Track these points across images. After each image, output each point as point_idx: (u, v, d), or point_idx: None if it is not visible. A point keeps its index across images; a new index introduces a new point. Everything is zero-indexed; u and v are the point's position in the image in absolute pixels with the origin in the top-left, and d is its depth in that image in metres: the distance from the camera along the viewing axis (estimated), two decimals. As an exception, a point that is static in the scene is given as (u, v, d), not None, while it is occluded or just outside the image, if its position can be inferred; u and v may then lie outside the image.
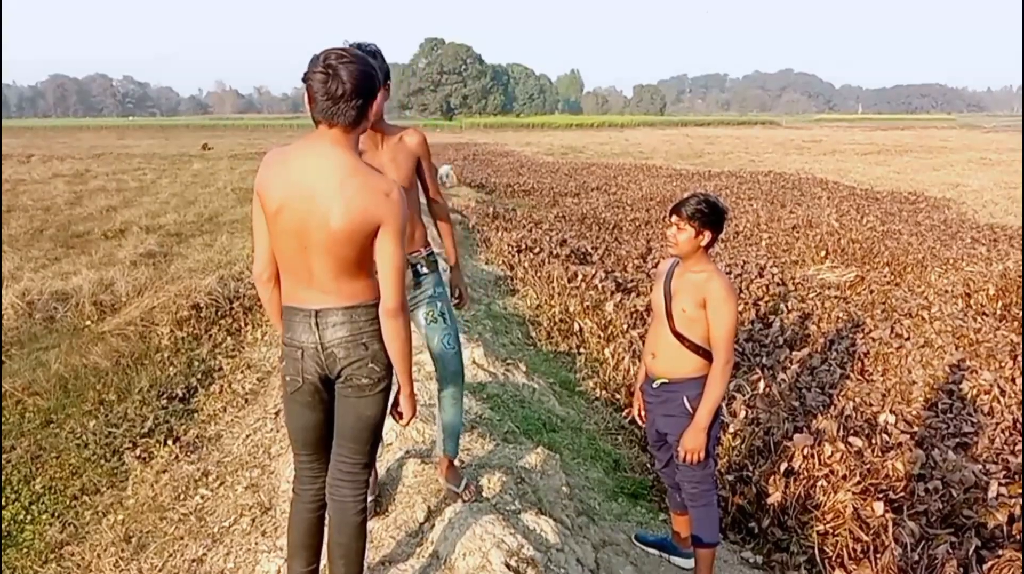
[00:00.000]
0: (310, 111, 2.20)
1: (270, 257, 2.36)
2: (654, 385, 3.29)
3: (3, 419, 5.31)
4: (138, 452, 4.86)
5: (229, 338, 7.04)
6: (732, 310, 3.08)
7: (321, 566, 2.61)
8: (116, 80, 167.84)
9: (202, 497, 4.18)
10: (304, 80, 2.18)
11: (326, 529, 2.52)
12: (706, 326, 3.11)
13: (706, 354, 3.15)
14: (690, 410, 3.16)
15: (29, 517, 4.17)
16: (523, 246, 11.09)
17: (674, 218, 3.12)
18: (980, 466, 4.58)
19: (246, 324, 7.32)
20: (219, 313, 7.48)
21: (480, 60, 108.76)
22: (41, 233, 12.20)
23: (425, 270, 3.06)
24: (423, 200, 3.23)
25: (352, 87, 2.14)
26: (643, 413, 3.50)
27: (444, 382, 3.10)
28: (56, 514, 4.20)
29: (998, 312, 8.05)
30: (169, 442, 4.98)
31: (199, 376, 6.15)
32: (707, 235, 3.10)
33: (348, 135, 2.22)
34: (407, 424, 2.48)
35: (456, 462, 3.28)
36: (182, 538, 3.81)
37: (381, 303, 2.26)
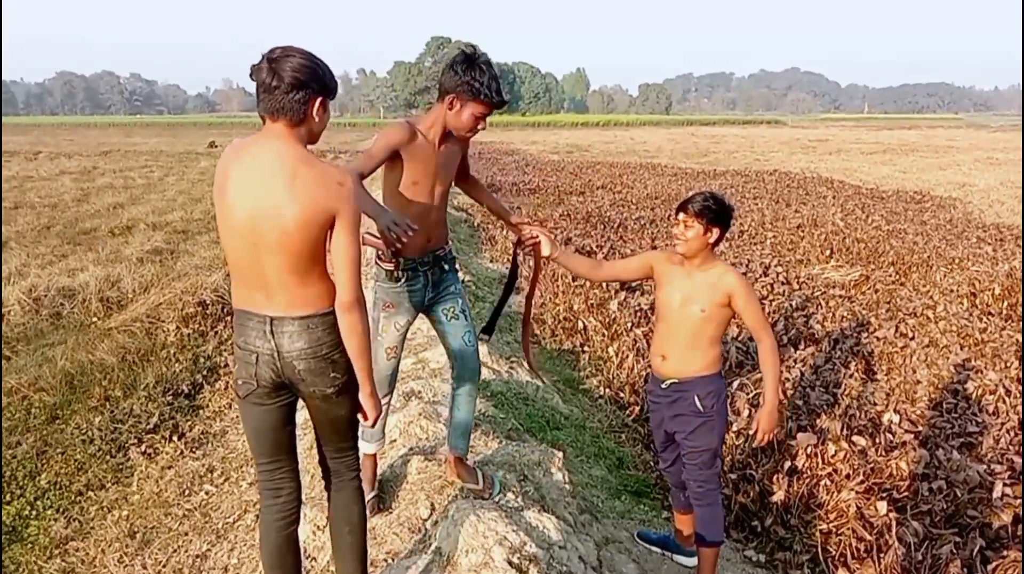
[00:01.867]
0: (257, 108, 2.18)
1: None
2: (663, 386, 3.28)
3: (9, 415, 5.33)
4: (143, 448, 4.89)
5: (234, 335, 7.06)
6: (756, 297, 3.15)
7: None
8: (123, 77, 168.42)
9: (207, 493, 4.21)
10: (249, 76, 2.16)
11: (331, 503, 2.50)
12: (722, 324, 3.13)
13: (716, 352, 3.17)
14: (700, 408, 3.16)
15: (34, 513, 4.20)
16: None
17: (681, 216, 3.10)
18: (985, 466, 4.56)
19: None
20: (225, 310, 7.50)
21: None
22: (48, 230, 12.24)
23: (447, 266, 3.05)
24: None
25: (291, 79, 2.09)
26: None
27: (462, 379, 3.08)
28: (61, 510, 4.22)
29: (1004, 312, 8.02)
30: (174, 438, 5.00)
31: (204, 373, 6.17)
32: (715, 232, 3.09)
33: (293, 129, 2.16)
34: (373, 424, 2.43)
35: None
36: (186, 534, 3.83)
37: (337, 297, 2.18)
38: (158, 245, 10.74)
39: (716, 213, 3.06)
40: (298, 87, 2.11)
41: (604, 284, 8.57)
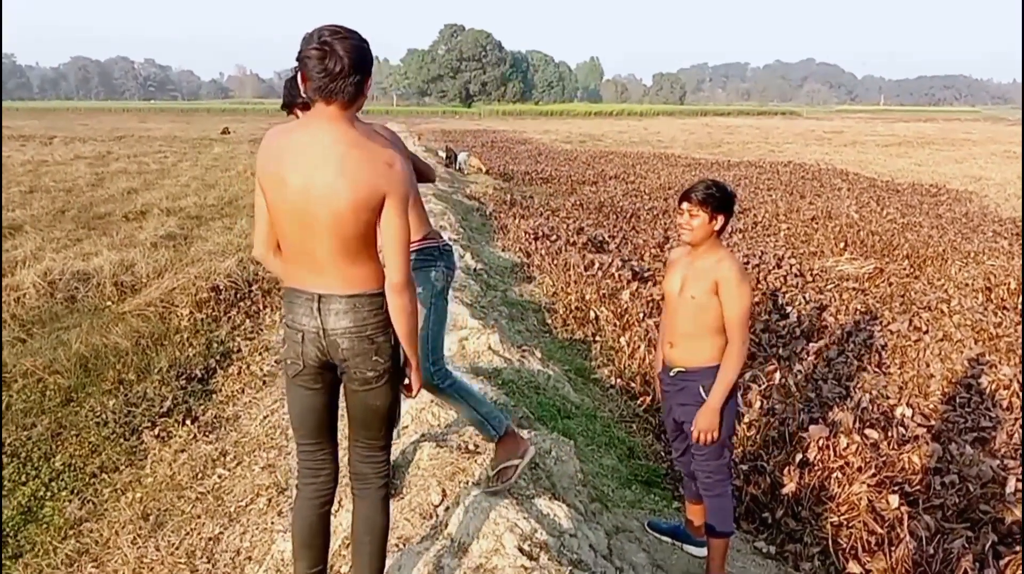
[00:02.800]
0: (304, 90, 2.16)
1: (269, 236, 2.32)
2: (671, 373, 3.28)
3: (25, 397, 5.38)
4: (157, 431, 4.93)
5: (248, 320, 7.09)
6: (746, 292, 3.07)
7: (328, 565, 2.58)
8: (138, 63, 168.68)
9: (219, 477, 4.23)
10: (298, 59, 2.14)
11: (353, 506, 2.49)
12: (718, 312, 3.09)
13: (722, 341, 3.15)
14: (705, 398, 3.15)
15: (49, 494, 4.24)
16: (540, 234, 11.08)
17: (685, 205, 3.10)
18: (998, 461, 4.53)
19: (264, 306, 7.37)
20: (238, 295, 7.54)
21: (500, 47, 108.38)
22: (63, 214, 12.32)
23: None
24: None
25: (349, 62, 2.10)
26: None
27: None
28: (75, 491, 4.27)
29: (1019, 307, 7.95)
30: (187, 422, 5.04)
31: (218, 357, 6.20)
32: (720, 219, 3.09)
33: (346, 111, 2.18)
34: (415, 394, 2.46)
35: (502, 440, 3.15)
36: (199, 517, 3.86)
37: (387, 279, 2.20)
38: (172, 230, 10.78)
39: (719, 200, 3.06)
40: (355, 70, 2.13)
41: (616, 273, 8.57)
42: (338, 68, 2.10)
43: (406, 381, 2.40)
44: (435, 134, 39.34)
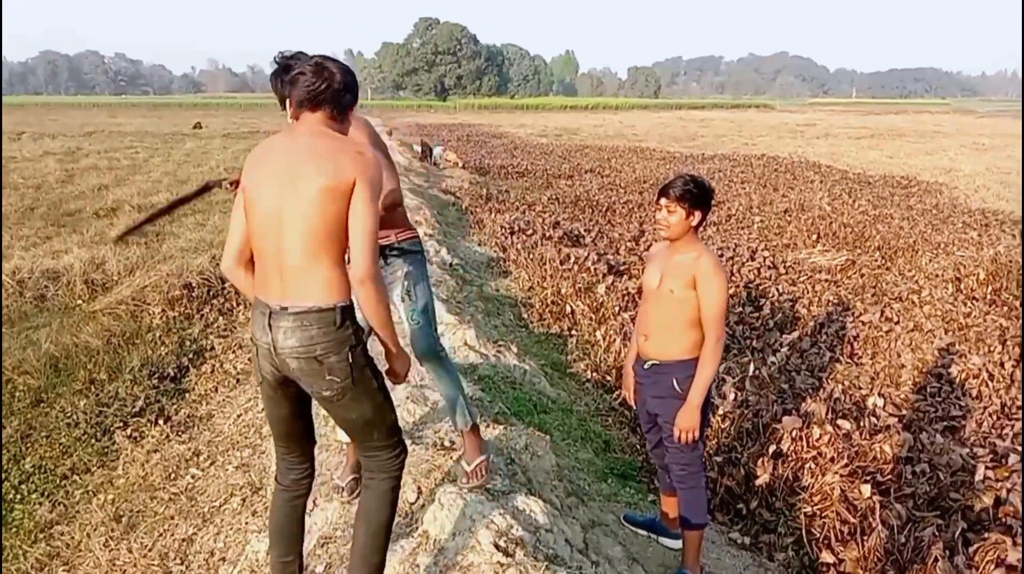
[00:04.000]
0: (291, 106, 2.25)
1: (240, 250, 2.31)
2: (645, 366, 3.30)
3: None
4: (129, 432, 4.87)
5: (221, 318, 7.03)
6: (722, 287, 3.08)
7: (305, 555, 2.61)
8: (108, 57, 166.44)
9: (193, 477, 4.19)
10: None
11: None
12: (695, 307, 3.11)
13: (697, 335, 3.16)
14: (679, 391, 3.17)
15: (19, 497, 4.18)
16: (516, 228, 11.08)
17: (663, 201, 3.12)
18: (967, 450, 4.61)
19: (238, 304, 7.30)
20: (211, 293, 7.46)
21: (475, 41, 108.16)
22: (32, 211, 12.12)
23: (393, 253, 3.05)
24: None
25: (341, 78, 2.23)
26: (634, 394, 3.51)
27: (419, 360, 3.11)
28: (46, 493, 4.20)
29: (988, 297, 8.07)
30: (160, 422, 4.98)
31: (190, 356, 6.14)
32: (697, 215, 3.10)
33: (331, 122, 2.24)
34: (403, 380, 2.44)
35: (476, 432, 3.23)
36: (172, 518, 3.82)
37: (352, 270, 2.15)
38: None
39: (697, 196, 3.08)
40: (347, 89, 2.26)
41: (592, 267, 8.59)
42: (325, 83, 2.21)
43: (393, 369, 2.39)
44: (410, 128, 39.19)
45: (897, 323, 7.19)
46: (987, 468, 4.26)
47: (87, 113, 60.94)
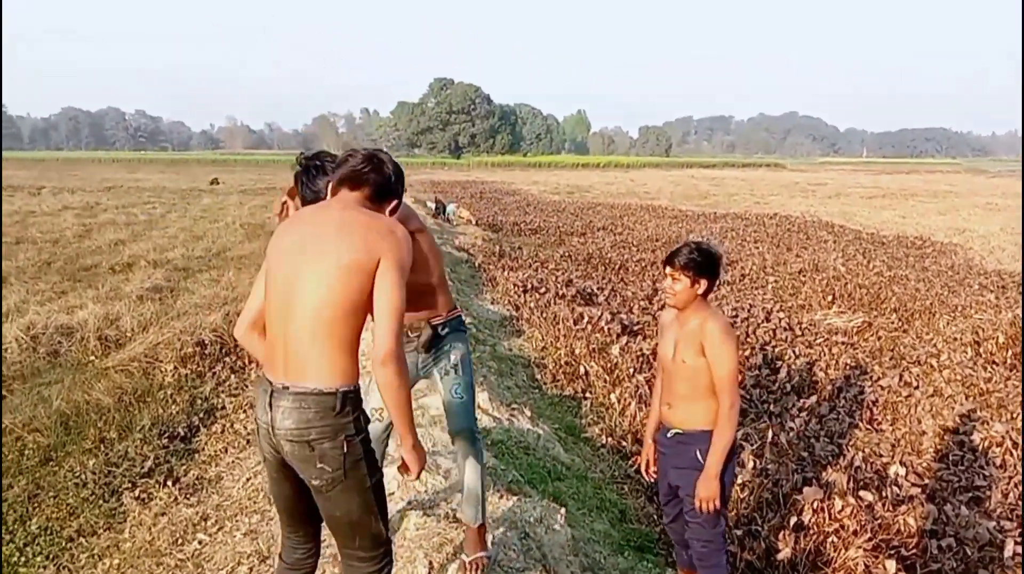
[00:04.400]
0: (330, 188, 2.27)
1: (255, 317, 2.29)
2: (668, 434, 3.24)
3: (3, 456, 5.25)
4: (137, 493, 4.79)
5: (233, 376, 6.99)
6: (730, 351, 3.03)
7: None
8: (129, 114, 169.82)
9: (200, 542, 4.11)
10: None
11: None
12: (709, 374, 3.06)
13: (717, 405, 3.10)
14: (702, 462, 3.10)
15: (23, 559, 4.10)
16: (529, 286, 11.08)
17: (668, 269, 3.11)
18: (994, 522, 4.48)
19: (250, 362, 7.27)
20: (223, 350, 7.45)
21: (488, 100, 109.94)
22: (49, 266, 12.22)
23: (445, 330, 3.02)
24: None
25: (393, 169, 2.28)
26: (651, 465, 3.44)
27: (452, 435, 3.04)
28: (51, 556, 4.12)
29: (1008, 361, 7.95)
30: (169, 483, 4.91)
31: (201, 415, 6.09)
32: (703, 283, 3.08)
33: (368, 203, 2.23)
34: (416, 477, 2.30)
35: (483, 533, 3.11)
36: (178, 586, 3.73)
37: (374, 349, 2.06)
38: (158, 282, 10.70)
39: (701, 265, 3.06)
40: (399, 180, 2.33)
41: (605, 327, 8.54)
42: (374, 166, 2.25)
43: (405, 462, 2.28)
44: (424, 185, 39.63)
45: (916, 388, 7.08)
46: (1016, 543, 4.13)
47: (107, 168, 62.03)
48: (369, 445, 2.17)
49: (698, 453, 3.11)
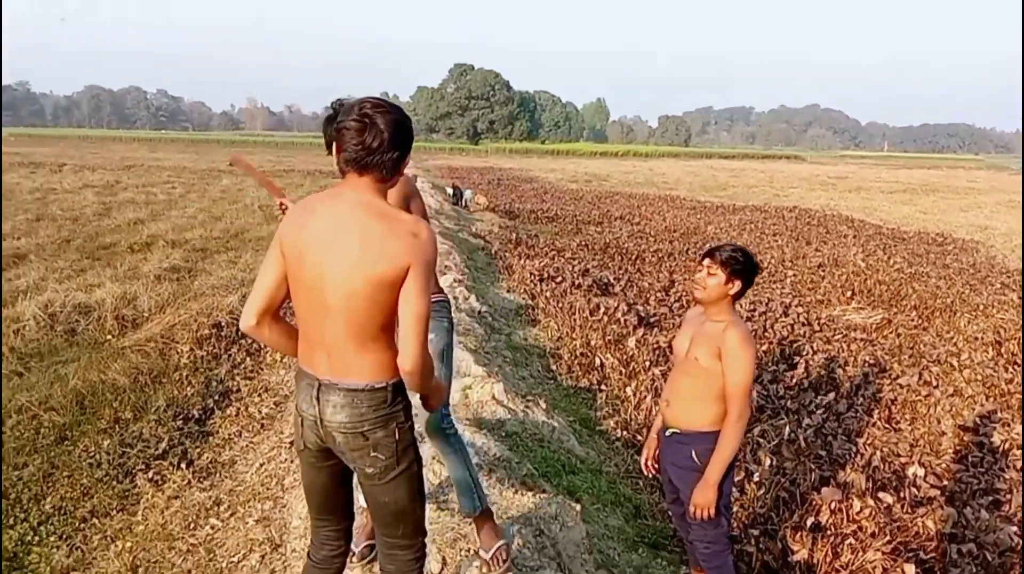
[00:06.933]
0: (336, 160, 2.08)
1: (263, 305, 2.17)
2: (667, 433, 3.20)
3: (18, 434, 5.27)
4: (151, 474, 4.80)
5: (248, 359, 7.00)
6: (748, 362, 2.98)
7: None
8: (151, 93, 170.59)
9: (212, 527, 4.11)
10: (335, 127, 2.06)
11: None
12: (719, 378, 3.01)
13: (721, 408, 3.05)
14: (698, 464, 3.06)
15: (37, 538, 4.10)
16: (545, 275, 11.02)
17: (706, 261, 3.07)
18: (1015, 527, 4.40)
19: (266, 345, 7.26)
20: (239, 333, 7.43)
21: (508, 87, 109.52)
22: (68, 243, 12.29)
23: None
24: None
25: (389, 136, 2.02)
26: (650, 462, 3.41)
27: (424, 435, 2.94)
28: (64, 537, 4.12)
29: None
30: (182, 466, 4.91)
31: (216, 397, 6.09)
32: (737, 284, 3.03)
33: (380, 184, 2.09)
34: (435, 407, 2.35)
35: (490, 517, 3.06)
36: (189, 571, 3.72)
37: (400, 362, 2.06)
38: (176, 263, 10.74)
39: (742, 266, 3.03)
40: (394, 145, 2.05)
41: (622, 318, 8.48)
42: (376, 143, 2.02)
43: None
44: (441, 171, 39.57)
45: (936, 387, 6.98)
46: (1038, 550, 4.06)
47: (128, 147, 62.33)
48: (414, 432, 2.21)
49: (694, 454, 3.07)
